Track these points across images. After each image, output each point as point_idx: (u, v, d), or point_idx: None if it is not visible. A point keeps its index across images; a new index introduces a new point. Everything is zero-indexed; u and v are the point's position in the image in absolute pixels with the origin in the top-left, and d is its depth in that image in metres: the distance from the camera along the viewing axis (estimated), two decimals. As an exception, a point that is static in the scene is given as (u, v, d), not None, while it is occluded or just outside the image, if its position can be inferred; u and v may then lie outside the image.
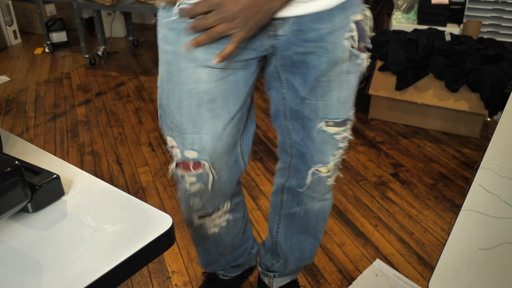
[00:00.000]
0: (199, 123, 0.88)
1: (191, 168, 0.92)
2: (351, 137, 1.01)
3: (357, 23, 0.85)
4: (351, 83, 0.92)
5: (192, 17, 0.78)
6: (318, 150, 0.99)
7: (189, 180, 0.94)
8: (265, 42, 0.84)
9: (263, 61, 0.93)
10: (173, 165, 0.94)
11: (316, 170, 1.02)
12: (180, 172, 0.94)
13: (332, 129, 0.96)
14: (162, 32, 0.86)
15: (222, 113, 0.89)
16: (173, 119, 0.89)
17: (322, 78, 0.89)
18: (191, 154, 0.91)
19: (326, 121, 0.95)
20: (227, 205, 1.06)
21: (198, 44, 0.80)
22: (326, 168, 1.02)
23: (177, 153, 0.92)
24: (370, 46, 0.92)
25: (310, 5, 0.80)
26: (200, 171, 0.92)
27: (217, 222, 1.08)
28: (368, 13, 0.89)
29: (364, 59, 0.90)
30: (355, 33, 0.85)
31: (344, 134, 0.98)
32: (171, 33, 0.84)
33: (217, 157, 0.93)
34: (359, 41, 0.87)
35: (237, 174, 1.03)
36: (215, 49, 0.80)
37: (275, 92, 0.99)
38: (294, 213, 1.16)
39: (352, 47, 0.86)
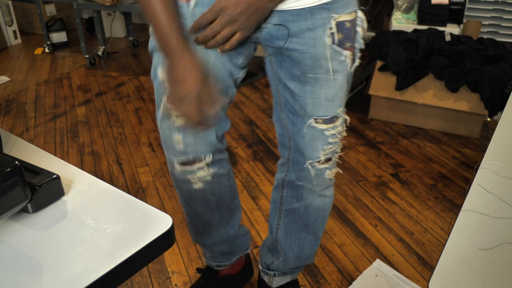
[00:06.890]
0: None
1: None
2: (343, 134, 1.05)
3: (341, 23, 0.90)
4: (338, 81, 0.96)
5: (198, 30, 0.87)
6: (308, 145, 1.04)
7: None
8: (252, 34, 0.90)
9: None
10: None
11: (310, 164, 1.06)
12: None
13: (321, 126, 1.01)
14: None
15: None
16: None
17: (308, 74, 0.94)
18: None
19: (315, 119, 1.00)
20: (209, 158, 1.04)
21: (208, 48, 0.89)
22: (317, 163, 1.06)
23: None
24: (362, 46, 0.96)
25: (291, 2, 0.87)
26: None
27: (201, 175, 1.06)
28: (361, 14, 0.94)
29: (347, 56, 0.94)
30: (334, 31, 0.90)
31: (332, 131, 1.01)
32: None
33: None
34: (343, 40, 0.92)
35: (221, 128, 1.06)
36: None
37: (272, 84, 1.06)
38: (294, 209, 1.18)
39: (333, 43, 0.91)
